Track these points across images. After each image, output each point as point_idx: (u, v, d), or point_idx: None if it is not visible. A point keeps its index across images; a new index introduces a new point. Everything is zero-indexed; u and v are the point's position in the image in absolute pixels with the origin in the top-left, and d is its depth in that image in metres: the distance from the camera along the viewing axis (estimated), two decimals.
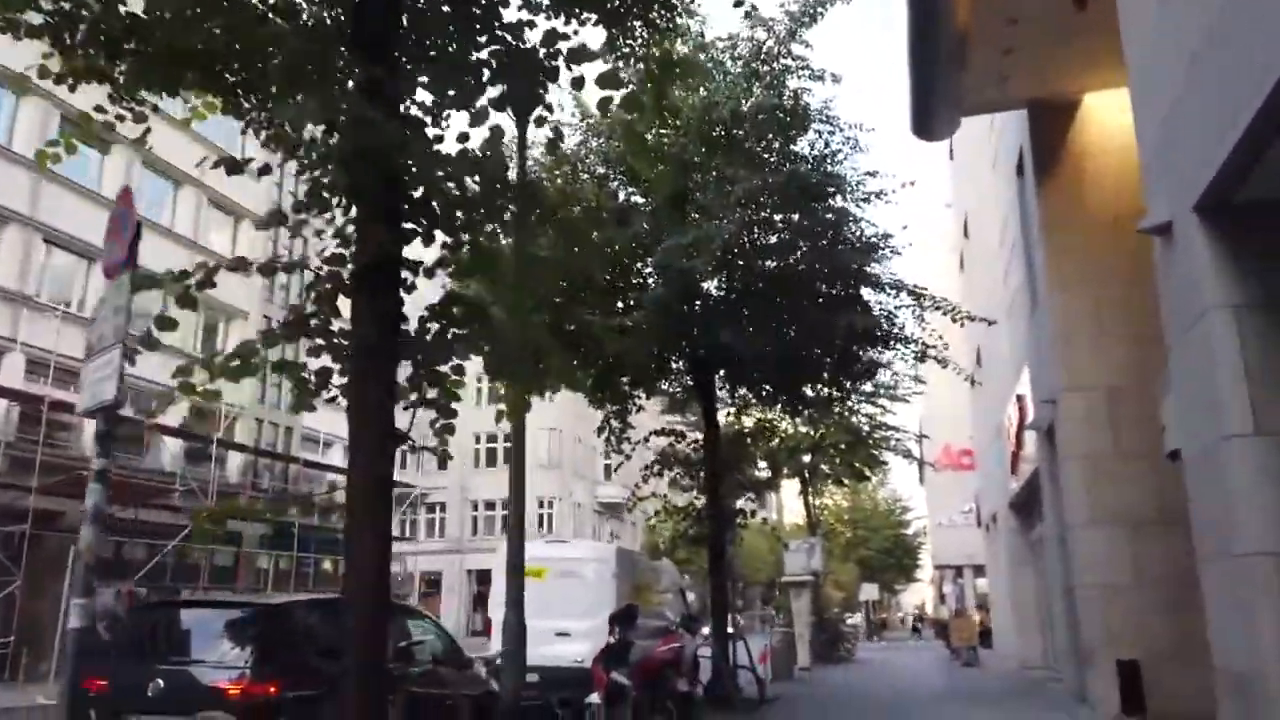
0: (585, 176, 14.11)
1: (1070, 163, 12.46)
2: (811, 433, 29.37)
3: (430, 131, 5.47)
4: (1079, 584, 11.81)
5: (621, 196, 14.65)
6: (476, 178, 5.24)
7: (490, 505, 50.47)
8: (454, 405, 5.45)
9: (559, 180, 13.98)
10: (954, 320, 14.37)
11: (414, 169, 4.97)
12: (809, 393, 16.03)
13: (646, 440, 15.50)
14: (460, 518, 51.77)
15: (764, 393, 15.95)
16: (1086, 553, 11.49)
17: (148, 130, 5.44)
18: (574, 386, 15.87)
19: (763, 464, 29.28)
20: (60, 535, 19.48)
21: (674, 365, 15.45)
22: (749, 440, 18.85)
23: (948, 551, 50.55)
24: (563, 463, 51.94)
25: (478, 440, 52.67)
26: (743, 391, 15.77)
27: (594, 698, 9.82)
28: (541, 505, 48.72)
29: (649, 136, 13.39)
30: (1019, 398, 17.69)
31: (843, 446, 28.05)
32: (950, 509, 49.57)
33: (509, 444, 42.57)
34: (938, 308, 14.14)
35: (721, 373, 15.21)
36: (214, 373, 4.95)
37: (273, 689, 6.32)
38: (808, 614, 22.66)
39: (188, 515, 25.84)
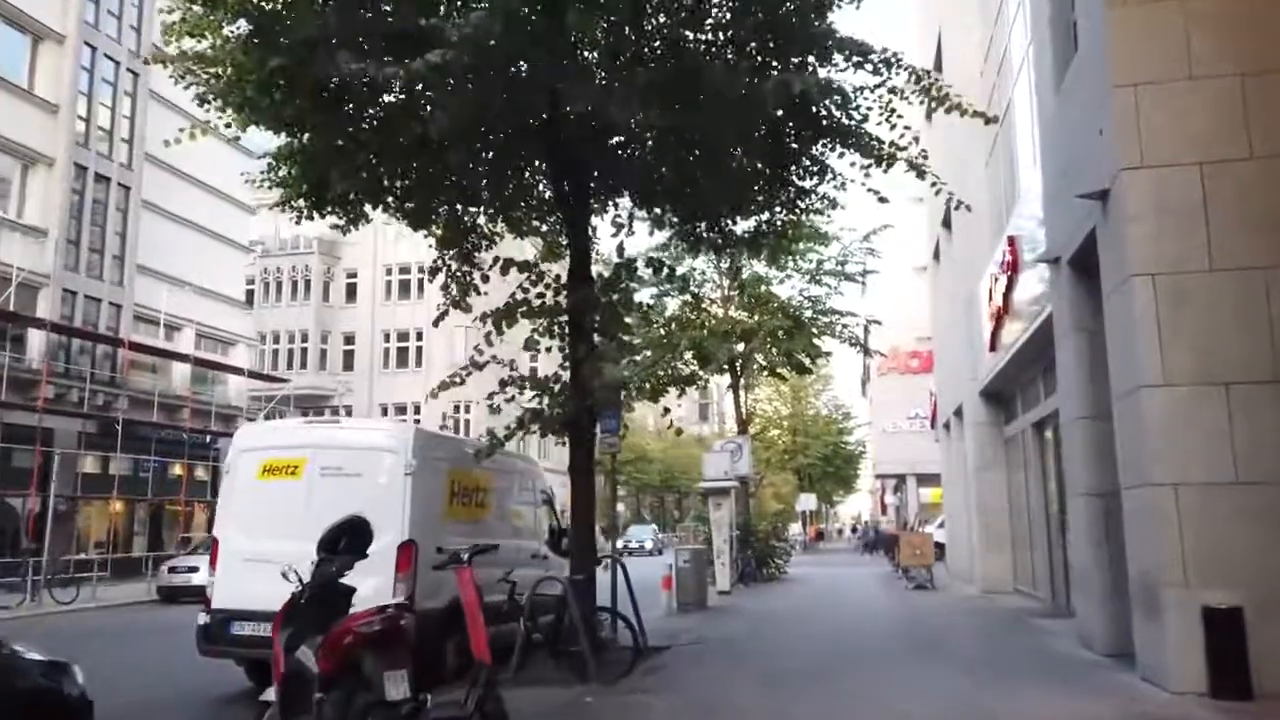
0: None
1: None
2: (747, 317, 25.02)
3: None
4: (1135, 483, 7.38)
5: None
6: None
7: (402, 410, 45.84)
8: None
9: None
10: (938, 106, 9.46)
11: None
12: (728, 222, 11.28)
13: (485, 279, 10.62)
14: None
15: (661, 214, 11.12)
16: (1152, 432, 7.01)
17: None
18: (376, 202, 10.95)
19: (689, 355, 24.92)
20: None
21: (525, 171, 10.53)
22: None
23: (891, 460, 47.24)
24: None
25: (387, 339, 47.78)
26: (624, 201, 10.83)
27: (269, 693, 5.17)
28: (457, 410, 44.06)
29: None
30: (1010, 241, 13.15)
31: (781, 334, 23.75)
32: (896, 416, 46.12)
33: (421, 343, 37.47)
34: (918, 82, 9.26)
35: (594, 185, 10.32)
36: None
37: None
38: (729, 527, 18.33)
39: None
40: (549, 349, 10.48)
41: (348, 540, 5.37)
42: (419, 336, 47.11)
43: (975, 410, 17.92)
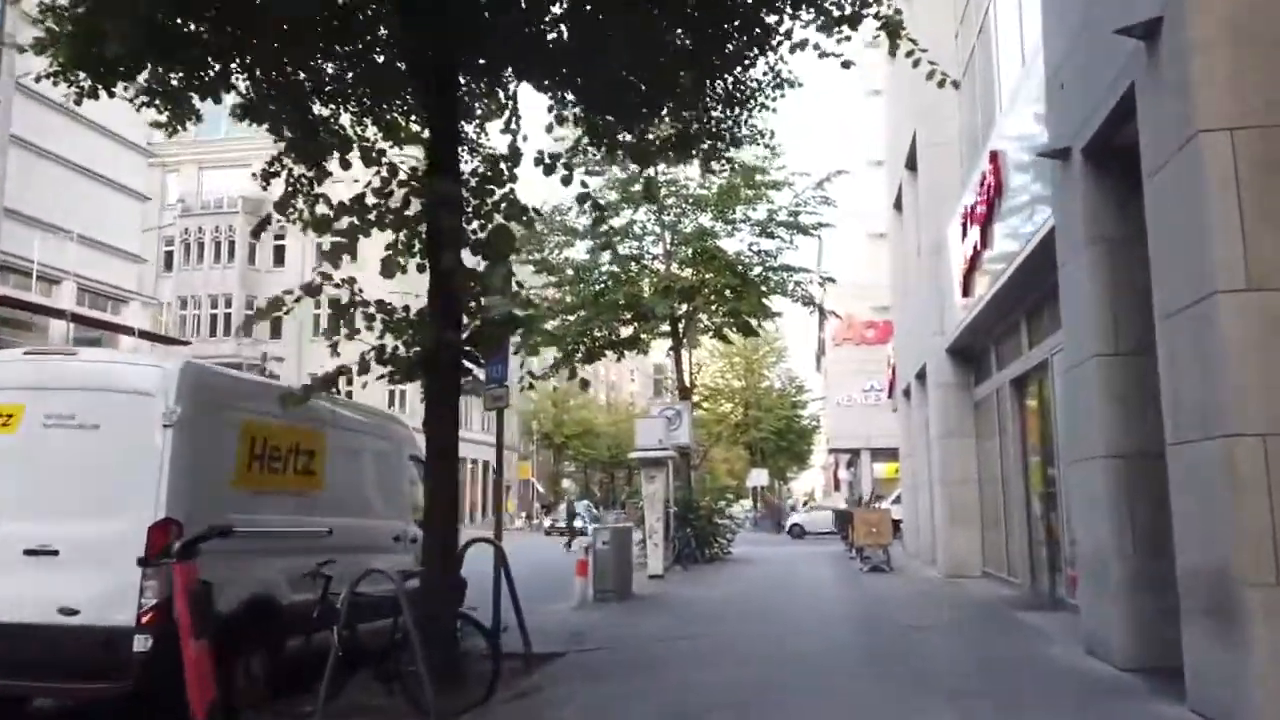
0: None
1: None
2: (691, 274, 22.79)
3: None
4: (1193, 435, 5.17)
5: None
6: None
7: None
8: None
9: None
10: None
11: None
12: (649, 118, 8.86)
13: (327, 174, 8.12)
14: None
15: (561, 101, 8.63)
16: (1229, 359, 4.80)
17: None
18: (178, 75, 8.36)
19: (627, 315, 22.67)
20: None
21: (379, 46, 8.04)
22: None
23: (845, 434, 45.42)
24: None
25: (318, 305, 44.64)
26: (511, 84, 8.35)
27: None
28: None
29: None
30: (993, 158, 10.95)
31: (727, 292, 21.58)
32: (850, 389, 44.33)
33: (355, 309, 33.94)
34: None
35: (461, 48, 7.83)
36: None
37: None
38: (662, 504, 16.05)
39: None
40: (404, 270, 8.09)
41: None
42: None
43: (941, 370, 15.82)
